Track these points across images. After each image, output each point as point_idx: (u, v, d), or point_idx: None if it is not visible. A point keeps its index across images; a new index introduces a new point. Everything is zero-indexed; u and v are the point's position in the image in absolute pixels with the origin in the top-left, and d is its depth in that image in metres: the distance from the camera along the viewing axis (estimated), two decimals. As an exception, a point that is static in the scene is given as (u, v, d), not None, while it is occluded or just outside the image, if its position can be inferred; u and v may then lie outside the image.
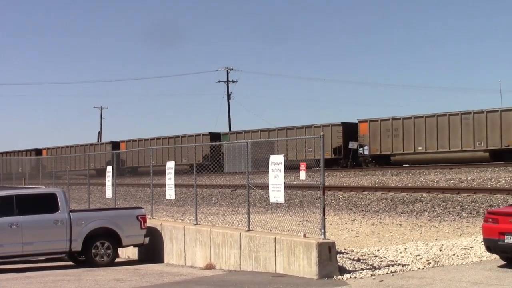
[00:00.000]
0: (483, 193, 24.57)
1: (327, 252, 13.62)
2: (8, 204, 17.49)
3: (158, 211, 23.13)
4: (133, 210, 19.48)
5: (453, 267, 14.01)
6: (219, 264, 16.59)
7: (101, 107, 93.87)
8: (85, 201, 29.30)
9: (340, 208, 26.08)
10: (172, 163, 19.97)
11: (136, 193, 38.92)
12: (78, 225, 17.95)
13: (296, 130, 50.57)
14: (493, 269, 13.47)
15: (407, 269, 13.98)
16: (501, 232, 13.28)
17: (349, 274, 13.62)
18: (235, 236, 16.12)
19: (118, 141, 64.23)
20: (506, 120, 40.85)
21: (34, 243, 17.48)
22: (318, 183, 14.04)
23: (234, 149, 47.44)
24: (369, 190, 28.76)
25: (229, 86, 78.63)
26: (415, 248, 16.21)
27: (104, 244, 18.20)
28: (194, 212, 18.74)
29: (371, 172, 40.23)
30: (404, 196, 26.17)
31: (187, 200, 31.38)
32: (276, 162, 14.90)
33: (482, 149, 41.45)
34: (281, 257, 14.54)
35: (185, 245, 18.18)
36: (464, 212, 22.40)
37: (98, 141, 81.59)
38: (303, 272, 13.85)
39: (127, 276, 15.77)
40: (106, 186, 24.13)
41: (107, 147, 63.15)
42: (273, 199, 15.05)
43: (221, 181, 42.55)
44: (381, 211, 24.53)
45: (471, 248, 15.76)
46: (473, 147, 41.77)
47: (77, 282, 14.95)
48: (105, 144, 65.78)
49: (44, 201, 17.95)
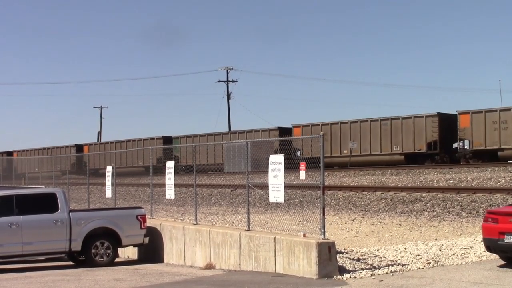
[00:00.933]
0: (483, 192, 24.57)
1: (327, 252, 13.62)
2: (8, 204, 17.48)
3: (158, 211, 23.12)
4: (133, 210, 19.48)
5: (453, 267, 14.00)
6: (219, 264, 16.59)
7: (101, 107, 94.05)
8: (85, 201, 29.30)
9: (340, 208, 26.08)
10: (172, 163, 19.97)
11: (136, 193, 38.92)
12: (78, 225, 17.94)
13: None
14: (493, 269, 13.47)
15: (407, 269, 13.97)
16: (501, 232, 13.28)
17: (349, 274, 13.62)
18: (235, 236, 16.12)
19: (81, 144, 69.57)
20: (418, 126, 44.26)
21: (34, 243, 17.47)
22: (318, 182, 14.03)
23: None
24: (368, 189, 28.76)
25: (229, 86, 78.88)
26: (415, 248, 16.21)
27: (104, 244, 18.19)
28: (194, 212, 18.73)
29: (371, 172, 40.22)
30: (404, 196, 26.18)
31: (187, 200, 31.37)
32: (275, 161, 14.90)
33: (398, 153, 45.14)
34: (281, 257, 14.54)
35: (185, 245, 18.18)
36: (464, 212, 22.41)
37: (98, 141, 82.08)
38: (303, 272, 13.85)
39: (127, 276, 15.76)
40: (106, 186, 24.14)
41: (72, 150, 68.37)
42: (272, 199, 15.05)
43: (221, 181, 42.56)
44: (381, 210, 24.53)
45: (471, 248, 15.76)
46: (390, 151, 45.37)
47: (77, 282, 14.94)
48: (70, 147, 70.36)
49: (44, 201, 17.94)
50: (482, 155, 42.40)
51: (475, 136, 42.07)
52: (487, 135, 41.57)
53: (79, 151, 65.85)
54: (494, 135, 41.31)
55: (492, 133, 41.35)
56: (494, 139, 41.32)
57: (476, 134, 41.99)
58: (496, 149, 41.53)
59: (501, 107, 41.79)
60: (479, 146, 42.05)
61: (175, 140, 59.89)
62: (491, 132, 41.41)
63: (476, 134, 41.98)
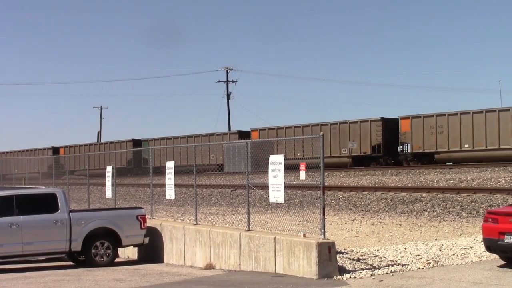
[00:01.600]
0: (483, 193, 24.57)
1: (327, 252, 13.61)
2: (8, 204, 17.47)
3: (158, 211, 23.13)
4: (133, 210, 19.47)
5: (453, 267, 14.00)
6: (219, 264, 16.58)
7: (101, 107, 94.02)
8: (85, 201, 29.30)
9: (340, 208, 26.08)
10: (172, 163, 19.97)
11: (136, 193, 38.93)
12: (78, 225, 17.94)
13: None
14: (493, 269, 13.47)
15: (407, 269, 13.97)
16: (501, 232, 13.28)
17: (349, 274, 13.61)
18: (235, 236, 16.12)
19: (58, 147, 73.63)
20: (364, 130, 46.25)
21: (34, 243, 17.46)
22: (318, 183, 14.03)
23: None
24: (369, 190, 28.76)
25: (229, 86, 78.93)
26: (415, 248, 16.21)
27: (104, 244, 18.19)
28: (194, 212, 18.73)
29: (371, 172, 40.24)
30: (404, 196, 26.18)
31: (187, 200, 31.37)
32: (275, 162, 14.89)
33: (346, 155, 47.24)
34: (281, 257, 14.53)
35: (185, 245, 18.18)
36: (464, 212, 22.41)
37: (98, 141, 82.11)
38: (303, 272, 13.84)
39: (127, 276, 15.76)
40: (106, 186, 24.14)
41: (49, 152, 71.40)
42: (273, 199, 15.04)
43: (221, 181, 42.56)
44: (381, 211, 24.53)
45: (471, 248, 15.76)
46: (339, 153, 47.53)
47: (77, 282, 14.94)
48: (47, 149, 73.45)
49: (44, 201, 17.93)
50: (421, 157, 44.72)
51: (414, 139, 44.49)
52: (425, 139, 44.03)
53: (55, 153, 69.20)
54: (431, 139, 43.78)
55: (430, 137, 43.82)
56: (431, 142, 43.78)
57: (415, 138, 44.39)
58: (433, 152, 43.93)
59: (437, 113, 44.11)
60: (418, 149, 44.47)
61: (144, 142, 63.49)
62: (429, 136, 43.89)
63: (415, 138, 44.38)
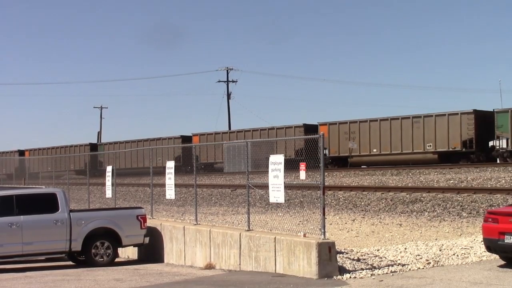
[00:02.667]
0: (483, 193, 24.56)
1: (327, 252, 13.61)
2: (8, 204, 17.47)
3: (158, 211, 23.13)
4: (133, 210, 19.47)
5: (453, 267, 14.00)
6: (219, 264, 16.58)
7: (101, 107, 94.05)
8: (85, 201, 29.30)
9: (340, 208, 26.08)
10: (172, 163, 19.96)
11: (136, 193, 38.93)
12: (78, 225, 17.94)
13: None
14: (493, 269, 13.46)
15: (407, 269, 13.97)
16: (501, 232, 13.28)
17: (349, 274, 13.61)
18: (235, 236, 16.12)
19: (23, 150, 76.59)
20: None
21: (34, 243, 17.46)
22: (318, 183, 14.03)
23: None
24: (369, 190, 28.75)
25: (229, 86, 78.95)
26: (415, 248, 16.21)
27: (104, 244, 18.19)
28: (194, 212, 18.73)
29: (371, 172, 40.22)
30: (404, 196, 26.17)
31: (187, 200, 31.38)
32: (276, 162, 14.89)
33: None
34: (281, 257, 14.53)
35: (185, 245, 18.18)
36: (464, 212, 22.40)
37: (98, 141, 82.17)
38: (303, 272, 13.84)
39: (127, 276, 15.76)
40: (106, 186, 24.15)
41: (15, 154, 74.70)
42: (273, 199, 15.04)
43: (221, 181, 42.56)
44: (381, 211, 24.53)
45: (471, 248, 15.76)
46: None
47: (77, 282, 14.94)
48: (13, 152, 76.42)
49: (44, 201, 17.92)
50: (338, 161, 47.78)
51: (331, 144, 47.31)
52: (340, 144, 47.16)
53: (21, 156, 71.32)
54: (345, 144, 46.97)
55: (344, 142, 47.01)
56: (346, 147, 46.97)
57: (332, 143, 47.30)
58: (347, 156, 47.18)
59: (351, 120, 47.19)
60: (334, 153, 47.58)
61: (99, 146, 69.23)
62: (343, 141, 47.04)
63: (332, 142, 47.27)
